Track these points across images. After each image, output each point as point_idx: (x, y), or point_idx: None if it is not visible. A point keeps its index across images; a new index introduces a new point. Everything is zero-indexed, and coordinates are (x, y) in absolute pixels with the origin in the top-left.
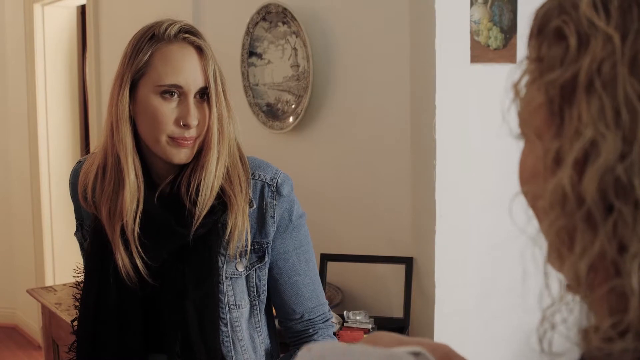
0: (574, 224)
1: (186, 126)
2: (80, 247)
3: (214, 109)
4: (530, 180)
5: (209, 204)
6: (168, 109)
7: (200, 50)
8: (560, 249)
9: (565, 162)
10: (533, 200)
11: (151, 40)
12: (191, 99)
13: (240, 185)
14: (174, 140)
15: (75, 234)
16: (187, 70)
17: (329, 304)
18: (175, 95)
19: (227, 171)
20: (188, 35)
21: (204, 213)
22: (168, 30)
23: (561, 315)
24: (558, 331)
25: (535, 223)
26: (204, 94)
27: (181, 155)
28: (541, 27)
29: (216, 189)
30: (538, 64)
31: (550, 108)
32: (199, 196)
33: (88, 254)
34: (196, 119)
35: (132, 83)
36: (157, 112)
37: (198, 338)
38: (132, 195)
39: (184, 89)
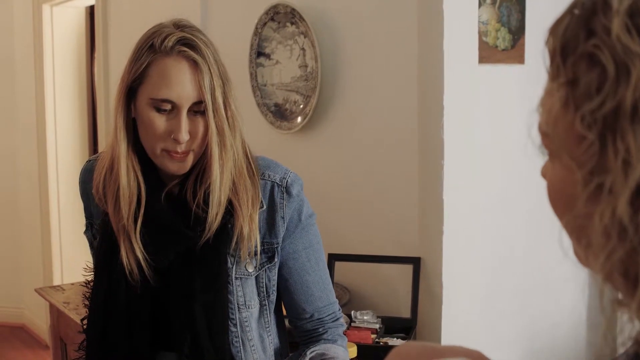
0: (635, 254)
1: (176, 141)
2: (89, 246)
3: (212, 123)
4: (567, 207)
5: (219, 218)
6: (161, 122)
7: (196, 64)
8: (615, 276)
9: (620, 194)
10: (574, 229)
11: (149, 50)
12: (183, 114)
13: (246, 194)
14: (167, 152)
15: (85, 232)
16: (179, 85)
17: None
18: (169, 109)
19: (233, 182)
20: (185, 49)
21: (214, 227)
22: (165, 42)
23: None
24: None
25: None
26: (201, 107)
27: (175, 168)
28: (566, 48)
29: (224, 202)
30: (570, 88)
31: (592, 138)
32: (209, 209)
33: (97, 252)
34: (187, 134)
35: (132, 89)
36: (151, 124)
37: (207, 339)
38: (125, 200)
39: (176, 103)
